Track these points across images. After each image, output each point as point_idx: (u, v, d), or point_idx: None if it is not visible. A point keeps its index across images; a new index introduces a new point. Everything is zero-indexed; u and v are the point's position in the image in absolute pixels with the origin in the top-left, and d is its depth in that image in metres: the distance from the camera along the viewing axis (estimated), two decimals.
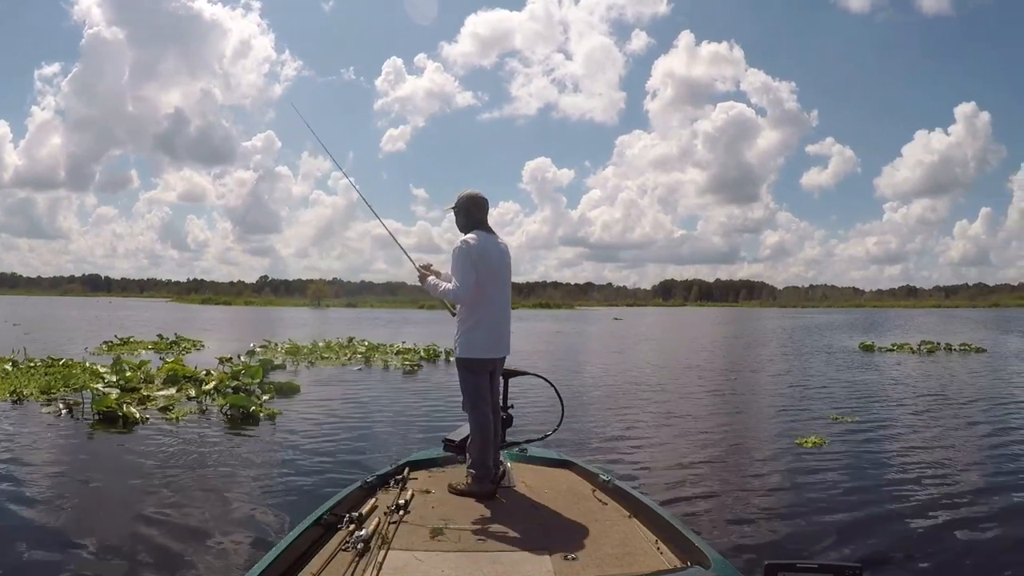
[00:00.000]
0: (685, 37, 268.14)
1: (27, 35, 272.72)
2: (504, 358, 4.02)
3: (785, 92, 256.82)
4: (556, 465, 4.29)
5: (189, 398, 10.32)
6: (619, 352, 23.47)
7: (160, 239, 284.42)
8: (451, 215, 4.02)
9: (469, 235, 3.82)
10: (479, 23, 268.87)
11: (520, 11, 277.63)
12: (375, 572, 2.60)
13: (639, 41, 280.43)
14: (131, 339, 22.67)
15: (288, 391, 11.38)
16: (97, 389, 9.91)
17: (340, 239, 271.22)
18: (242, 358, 15.89)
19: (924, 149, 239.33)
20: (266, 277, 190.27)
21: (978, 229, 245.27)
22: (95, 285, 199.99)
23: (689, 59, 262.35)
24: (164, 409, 9.38)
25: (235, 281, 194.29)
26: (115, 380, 11.28)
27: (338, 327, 35.76)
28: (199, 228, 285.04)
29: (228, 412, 9.18)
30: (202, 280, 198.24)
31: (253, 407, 9.15)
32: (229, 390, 10.54)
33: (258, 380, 11.51)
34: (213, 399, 10.08)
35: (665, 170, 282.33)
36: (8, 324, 33.48)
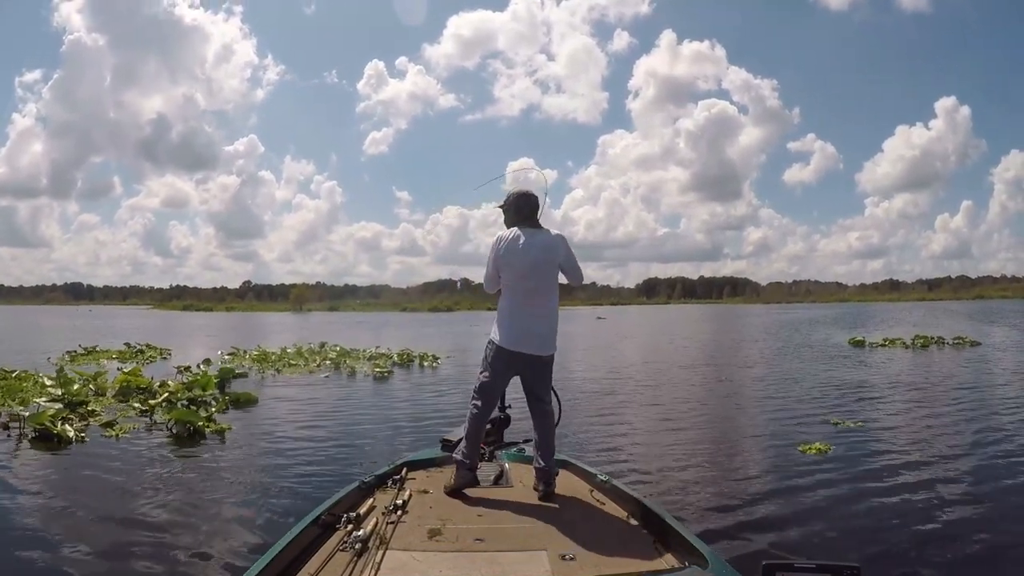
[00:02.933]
0: (667, 36, 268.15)
1: (7, 42, 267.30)
2: (543, 357, 3.85)
3: (767, 90, 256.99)
4: None
5: (139, 413, 9.49)
6: (607, 352, 22.94)
7: (143, 246, 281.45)
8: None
9: (504, 231, 3.88)
10: (461, 24, 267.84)
11: (502, 12, 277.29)
12: (373, 572, 2.57)
13: (621, 41, 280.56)
14: (96, 348, 21.71)
15: (245, 403, 10.56)
16: (39, 403, 9.11)
17: (323, 243, 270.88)
18: (200, 367, 15.06)
19: (905, 144, 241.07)
20: (249, 282, 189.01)
21: (959, 222, 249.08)
22: (77, 293, 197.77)
23: (671, 58, 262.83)
24: (107, 425, 8.58)
25: (218, 287, 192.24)
26: (60, 394, 10.40)
27: (317, 332, 34.95)
28: (182, 234, 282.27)
29: (173, 428, 8.38)
30: (185, 286, 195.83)
31: (200, 422, 8.34)
32: (184, 403, 9.72)
33: (211, 391, 10.71)
34: (163, 413, 9.25)
35: (648, 169, 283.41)
36: None
